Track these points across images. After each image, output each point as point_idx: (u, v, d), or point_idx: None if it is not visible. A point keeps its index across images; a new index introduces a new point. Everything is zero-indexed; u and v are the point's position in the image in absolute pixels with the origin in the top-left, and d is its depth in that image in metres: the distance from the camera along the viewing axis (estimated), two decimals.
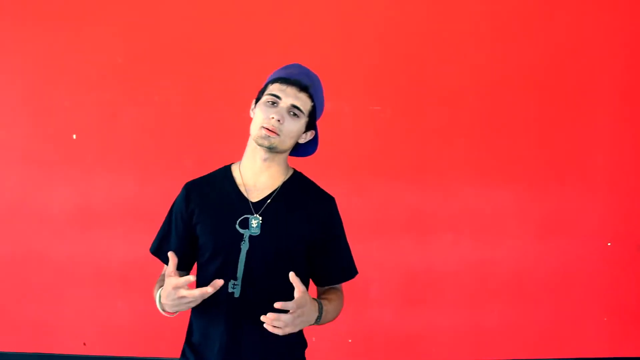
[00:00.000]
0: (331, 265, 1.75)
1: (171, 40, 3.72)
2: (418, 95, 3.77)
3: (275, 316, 1.34)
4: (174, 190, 3.76)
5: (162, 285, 1.56)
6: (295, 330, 1.41)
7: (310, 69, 1.88)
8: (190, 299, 1.40)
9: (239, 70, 3.70)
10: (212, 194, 1.67)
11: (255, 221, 1.60)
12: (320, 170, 3.66)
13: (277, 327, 1.36)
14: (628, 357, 3.91)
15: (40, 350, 3.79)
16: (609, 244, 3.87)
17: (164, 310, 1.54)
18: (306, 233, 1.65)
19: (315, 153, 1.72)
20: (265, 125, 1.54)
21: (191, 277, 1.41)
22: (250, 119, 1.69)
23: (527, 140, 3.82)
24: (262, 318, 1.35)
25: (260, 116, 1.55)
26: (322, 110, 1.70)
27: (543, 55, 3.79)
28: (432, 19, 3.77)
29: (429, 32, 3.76)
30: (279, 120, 1.53)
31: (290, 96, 1.56)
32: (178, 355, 3.76)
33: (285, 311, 1.39)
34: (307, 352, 3.70)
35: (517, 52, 3.78)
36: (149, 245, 3.79)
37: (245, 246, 1.59)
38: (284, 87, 1.56)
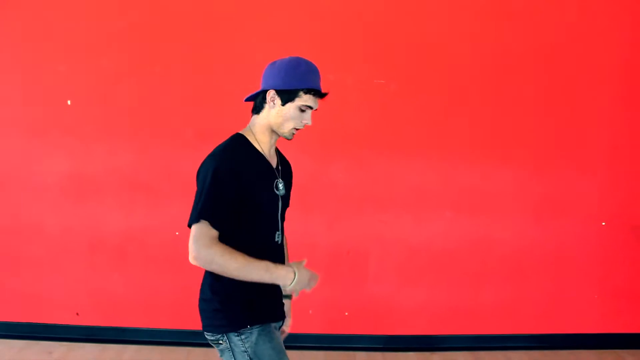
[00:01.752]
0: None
1: (173, 9, 3.60)
2: (423, 71, 3.72)
3: None
4: (175, 161, 3.72)
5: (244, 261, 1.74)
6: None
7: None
8: None
9: (242, 41, 3.61)
10: (253, 165, 1.85)
11: (280, 184, 1.94)
12: (322, 143, 3.65)
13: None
14: (616, 332, 4.00)
15: (33, 320, 3.75)
16: (603, 223, 3.92)
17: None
18: (289, 184, 2.06)
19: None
20: (298, 127, 1.86)
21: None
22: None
23: (528, 121, 3.81)
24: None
25: (293, 120, 1.84)
26: None
27: (547, 38, 3.76)
28: None
29: (435, 7, 3.70)
30: (309, 124, 1.88)
31: (316, 104, 1.87)
32: (172, 325, 3.79)
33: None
34: (303, 324, 3.79)
35: (521, 34, 3.74)
36: (148, 217, 3.76)
37: (279, 204, 1.93)
38: (316, 98, 1.85)
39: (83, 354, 3.55)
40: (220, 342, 1.85)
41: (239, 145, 1.86)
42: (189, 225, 1.74)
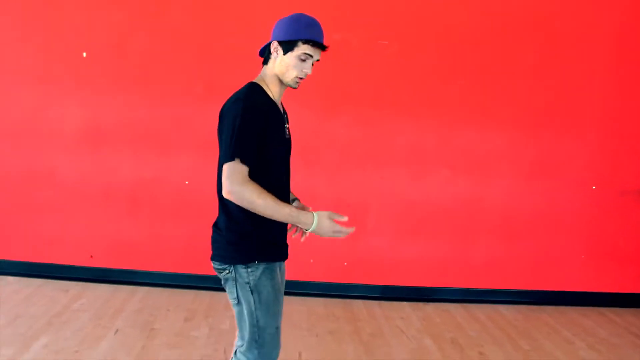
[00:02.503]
0: None
1: None
2: (424, 35, 3.86)
3: None
4: (185, 115, 3.89)
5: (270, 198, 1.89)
6: None
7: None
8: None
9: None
10: (270, 110, 2.01)
11: (287, 129, 2.11)
12: (325, 100, 3.81)
13: None
14: (600, 291, 4.21)
15: (50, 260, 3.96)
16: (593, 187, 4.10)
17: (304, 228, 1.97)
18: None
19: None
20: (300, 76, 2.01)
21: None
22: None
23: (524, 86, 3.96)
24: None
25: (295, 68, 1.99)
26: None
27: (543, 3, 3.88)
28: None
29: None
30: (309, 73, 2.02)
31: (317, 54, 2.02)
32: (181, 269, 3.98)
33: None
34: (304, 272, 3.95)
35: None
36: (159, 166, 3.94)
37: (287, 147, 2.12)
38: (314, 49, 1.98)
39: (97, 293, 3.78)
40: (228, 271, 2.00)
41: (257, 91, 2.02)
42: (222, 164, 1.87)
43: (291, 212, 1.90)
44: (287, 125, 2.10)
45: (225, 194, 1.86)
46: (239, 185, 1.83)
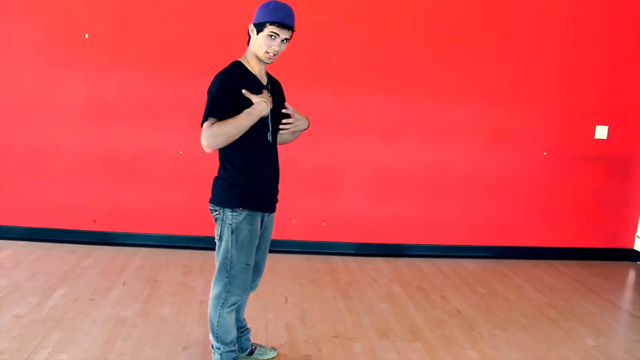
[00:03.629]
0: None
1: None
2: (395, 17, 4.29)
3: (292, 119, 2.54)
4: (180, 89, 4.29)
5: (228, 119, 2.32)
6: (303, 127, 2.61)
7: None
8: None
9: None
10: (246, 80, 2.43)
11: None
12: (306, 76, 4.24)
13: (294, 125, 2.55)
14: (550, 246, 4.76)
15: (56, 226, 4.36)
16: (544, 153, 4.60)
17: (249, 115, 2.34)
18: (280, 99, 2.61)
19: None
20: (269, 52, 2.39)
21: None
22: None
23: (483, 61, 4.42)
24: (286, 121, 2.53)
25: (264, 45, 2.37)
26: None
27: None
28: None
29: None
30: (277, 49, 2.39)
31: (283, 34, 2.37)
32: (176, 232, 4.38)
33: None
34: (287, 231, 4.36)
35: None
36: (156, 138, 4.34)
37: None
38: (279, 29, 2.34)
39: (102, 253, 4.19)
40: (218, 212, 2.48)
41: (236, 67, 2.46)
42: (201, 126, 2.32)
43: (247, 113, 2.32)
44: (268, 94, 2.45)
45: (204, 149, 2.31)
46: (208, 133, 2.28)
